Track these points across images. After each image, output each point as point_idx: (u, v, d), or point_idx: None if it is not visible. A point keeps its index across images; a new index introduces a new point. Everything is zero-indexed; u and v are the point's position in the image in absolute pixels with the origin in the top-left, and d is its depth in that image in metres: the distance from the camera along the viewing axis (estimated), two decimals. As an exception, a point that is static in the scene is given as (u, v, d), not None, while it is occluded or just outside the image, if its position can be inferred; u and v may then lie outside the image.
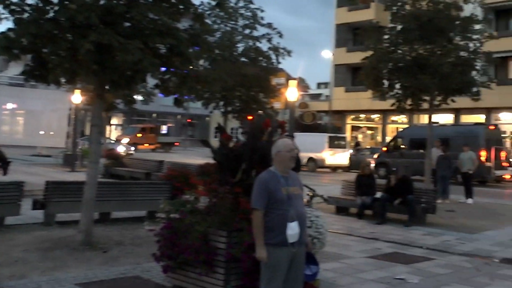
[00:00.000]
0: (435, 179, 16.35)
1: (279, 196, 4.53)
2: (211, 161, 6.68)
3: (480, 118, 31.74)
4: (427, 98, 15.30)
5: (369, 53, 15.72)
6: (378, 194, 12.21)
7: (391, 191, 11.85)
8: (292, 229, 4.50)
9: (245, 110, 19.67)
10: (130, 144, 37.37)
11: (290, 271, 4.53)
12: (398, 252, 8.88)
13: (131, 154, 31.98)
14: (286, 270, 4.51)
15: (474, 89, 15.18)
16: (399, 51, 15.15)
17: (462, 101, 17.88)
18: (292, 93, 14.37)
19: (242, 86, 16.87)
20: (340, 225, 11.28)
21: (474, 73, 15.85)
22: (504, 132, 28.71)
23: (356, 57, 39.15)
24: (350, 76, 41.55)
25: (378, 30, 16.11)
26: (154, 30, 7.84)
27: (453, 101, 15.54)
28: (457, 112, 31.69)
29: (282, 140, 4.84)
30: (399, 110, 16.10)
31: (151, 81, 9.54)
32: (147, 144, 45.29)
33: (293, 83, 14.37)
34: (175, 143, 49.23)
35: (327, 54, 40.53)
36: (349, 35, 41.23)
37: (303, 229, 4.62)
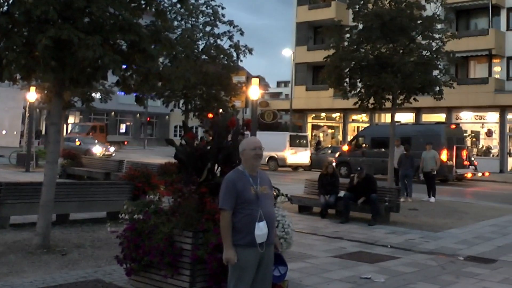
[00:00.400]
0: (397, 178, 16.56)
1: (247, 196, 4.44)
2: (172, 160, 6.54)
3: (441, 117, 32.26)
4: (389, 97, 15.47)
5: (331, 51, 15.77)
6: (341, 193, 12.25)
7: (355, 190, 11.88)
8: (260, 229, 4.41)
9: (206, 108, 19.46)
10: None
11: (258, 272, 4.44)
12: (363, 251, 8.90)
13: (110, 155, 30.97)
14: (254, 271, 4.42)
15: (437, 88, 15.39)
16: (362, 50, 15.24)
17: (423, 100, 18.21)
18: (254, 92, 14.28)
19: (203, 84, 16.68)
20: (304, 224, 11.27)
21: (436, 72, 16.11)
22: (465, 131, 29.38)
23: (317, 56, 39.64)
24: (310, 75, 41.77)
25: (340, 29, 16.17)
26: (115, 26, 7.61)
27: (415, 100, 15.75)
28: (418, 111, 32.06)
29: (247, 139, 4.75)
30: (362, 109, 16.22)
31: (110, 79, 9.28)
32: None
33: (255, 81, 14.27)
34: (125, 142, 48.01)
35: (288, 52, 40.64)
36: (309, 33, 41.44)
37: (271, 229, 4.53)
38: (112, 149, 33.80)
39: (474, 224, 11.95)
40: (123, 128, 61.83)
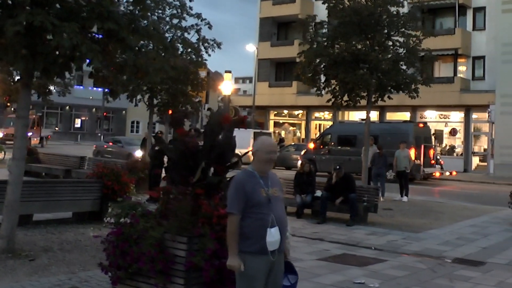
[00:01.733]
0: (369, 177, 16.40)
1: (257, 198, 4.07)
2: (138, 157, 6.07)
3: (405, 115, 32.44)
4: (364, 94, 15.30)
5: (295, 47, 15.48)
6: (318, 193, 11.99)
7: (332, 190, 11.62)
8: (273, 236, 4.06)
9: (172, 103, 18.80)
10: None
11: (267, 282, 4.10)
12: (348, 253, 8.63)
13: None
14: (264, 281, 4.07)
15: (413, 86, 15.29)
16: (337, 46, 15.00)
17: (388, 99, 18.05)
18: (226, 86, 13.85)
19: (169, 78, 16.03)
20: (280, 224, 10.92)
21: (411, 70, 16.03)
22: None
23: (281, 52, 39.78)
24: (273, 71, 41.57)
25: (314, 24, 15.82)
26: (93, 13, 7.03)
27: (389, 98, 15.67)
28: (382, 109, 32.08)
29: (263, 139, 4.32)
30: (336, 107, 16.00)
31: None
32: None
33: (227, 76, 13.84)
34: (48, 136, 46.01)
35: (251, 48, 40.18)
36: (273, 29, 41.18)
37: (283, 235, 4.17)
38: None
39: (452, 225, 11.87)
40: (78, 123, 59.94)
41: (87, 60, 6.88)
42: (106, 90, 11.89)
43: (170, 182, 5.79)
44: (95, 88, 55.27)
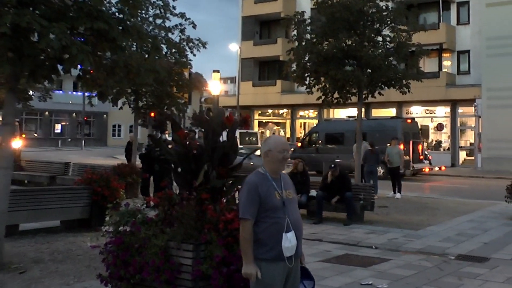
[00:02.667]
0: (362, 174, 16.21)
1: (272, 202, 3.84)
2: (124, 161, 5.80)
3: (391, 112, 32.27)
4: (355, 91, 15.11)
5: (278, 46, 15.23)
6: (312, 192, 11.76)
7: (328, 189, 11.41)
8: (289, 241, 3.84)
9: (158, 106, 18.43)
10: None
11: (284, 290, 3.86)
12: (350, 253, 8.43)
13: None
14: None
15: (404, 82, 15.14)
16: (326, 43, 14.77)
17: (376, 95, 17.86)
18: (215, 86, 13.57)
19: (155, 80, 15.65)
20: (276, 226, 10.69)
21: (402, 65, 15.89)
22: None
23: (264, 51, 39.52)
24: (257, 70, 41.30)
25: (303, 21, 15.54)
26: (81, 12, 6.71)
27: (380, 94, 15.51)
28: (368, 106, 31.72)
29: (275, 138, 4.10)
30: (327, 104, 15.79)
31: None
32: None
33: (216, 76, 13.57)
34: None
35: (234, 47, 39.81)
36: (256, 28, 40.90)
37: (300, 240, 3.96)
38: None
39: (450, 221, 11.71)
40: (58, 128, 58.96)
41: (78, 63, 6.55)
42: (92, 94, 11.55)
43: (170, 187, 5.51)
44: (74, 93, 54.64)
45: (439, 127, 32.93)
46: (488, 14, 29.81)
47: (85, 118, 54.87)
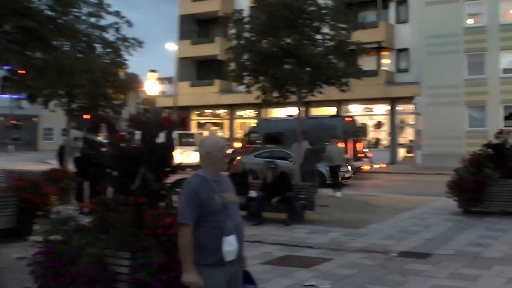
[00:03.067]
0: (302, 174, 16.22)
1: (213, 205, 3.72)
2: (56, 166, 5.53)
3: (329, 110, 32.50)
4: (294, 89, 15.06)
5: (217, 45, 15.08)
6: (252, 193, 11.67)
7: (268, 189, 11.33)
8: (230, 245, 3.75)
9: (92, 108, 17.75)
10: None
11: (227, 295, 3.75)
12: (291, 254, 8.34)
13: None
14: None
15: (343, 80, 15.23)
16: (265, 41, 14.65)
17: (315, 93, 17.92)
18: (152, 87, 13.24)
19: (89, 81, 15.06)
20: (215, 228, 10.49)
21: (341, 63, 15.93)
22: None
23: (201, 50, 39.07)
24: (195, 70, 40.87)
25: (240, 20, 15.36)
26: (6, 9, 6.31)
27: (320, 92, 15.56)
28: (307, 105, 31.25)
29: (211, 138, 3.99)
30: (266, 103, 15.71)
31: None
32: None
33: (152, 76, 13.24)
34: None
35: (171, 47, 39.13)
36: (193, 27, 40.45)
37: (241, 243, 3.88)
38: None
39: (392, 218, 11.73)
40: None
41: (4, 63, 6.16)
42: (22, 96, 10.99)
43: (104, 192, 5.27)
44: (1, 95, 51.85)
45: (378, 125, 33.51)
46: (427, 12, 30.58)
47: (14, 121, 52.30)
